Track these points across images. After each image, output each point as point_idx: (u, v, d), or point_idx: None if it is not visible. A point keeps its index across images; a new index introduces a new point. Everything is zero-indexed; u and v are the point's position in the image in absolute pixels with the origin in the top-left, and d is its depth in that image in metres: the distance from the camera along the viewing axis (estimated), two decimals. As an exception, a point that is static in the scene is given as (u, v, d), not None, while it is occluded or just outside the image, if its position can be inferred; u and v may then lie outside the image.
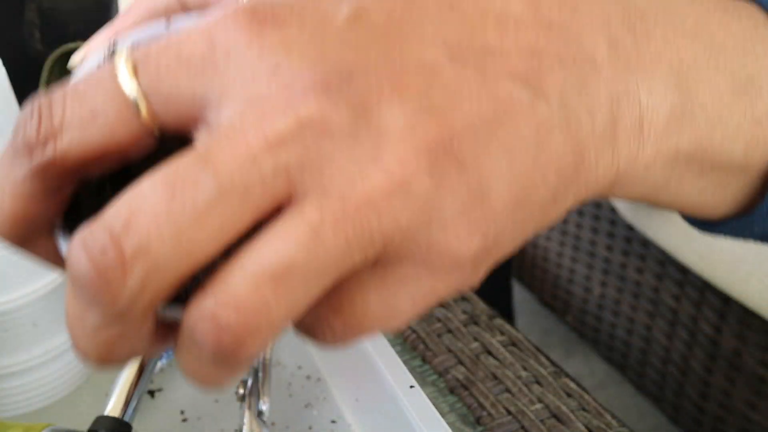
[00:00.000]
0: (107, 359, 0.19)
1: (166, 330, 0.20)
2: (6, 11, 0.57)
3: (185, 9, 0.27)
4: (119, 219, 0.17)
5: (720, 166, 0.24)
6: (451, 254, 0.19)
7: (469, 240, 0.19)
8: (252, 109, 0.18)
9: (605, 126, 0.22)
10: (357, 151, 0.18)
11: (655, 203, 0.26)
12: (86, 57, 0.26)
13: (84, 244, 0.17)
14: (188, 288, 0.18)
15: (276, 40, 0.19)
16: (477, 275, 0.21)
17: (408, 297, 0.20)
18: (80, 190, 0.21)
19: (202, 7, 0.26)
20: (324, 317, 0.20)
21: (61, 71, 0.58)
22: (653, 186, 0.24)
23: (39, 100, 0.19)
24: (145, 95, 0.19)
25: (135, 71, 0.19)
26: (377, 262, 0.19)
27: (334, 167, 0.18)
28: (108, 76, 0.19)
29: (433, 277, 0.20)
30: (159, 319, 0.19)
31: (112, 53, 0.24)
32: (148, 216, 0.17)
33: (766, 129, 0.24)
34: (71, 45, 0.56)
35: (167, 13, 0.26)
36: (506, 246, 0.21)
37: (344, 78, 0.19)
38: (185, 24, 0.23)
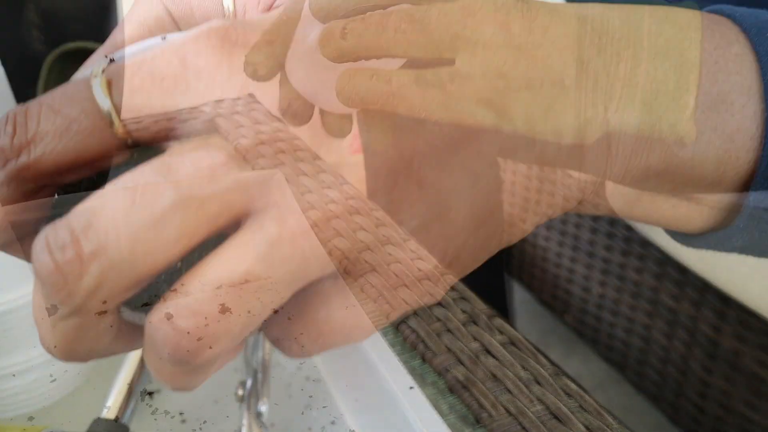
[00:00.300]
0: (69, 352, 0.20)
1: (135, 331, 0.21)
2: (6, 11, 0.57)
3: (175, 21, 0.27)
4: (81, 220, 0.18)
5: (692, 183, 0.24)
6: (411, 269, 0.20)
7: (428, 256, 0.20)
8: (218, 126, 0.19)
9: (572, 146, 0.22)
10: (318, 170, 0.19)
11: (629, 218, 0.26)
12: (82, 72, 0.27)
13: (47, 240, 0.18)
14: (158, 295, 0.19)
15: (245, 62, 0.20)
16: (439, 289, 0.21)
17: (370, 310, 0.20)
18: (67, 192, 0.22)
19: (189, 21, 0.27)
20: (290, 330, 0.20)
21: (61, 71, 0.58)
22: (625, 202, 0.24)
23: (16, 109, 0.20)
24: (118, 110, 0.20)
25: (109, 86, 0.20)
26: (338, 276, 0.20)
27: (294, 184, 0.19)
28: (83, 89, 0.20)
29: (393, 291, 0.20)
30: (126, 320, 0.20)
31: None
32: (108, 219, 0.18)
33: (739, 145, 0.24)
34: (71, 45, 0.56)
35: (157, 25, 0.27)
36: (468, 262, 0.21)
37: (310, 98, 0.19)
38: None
